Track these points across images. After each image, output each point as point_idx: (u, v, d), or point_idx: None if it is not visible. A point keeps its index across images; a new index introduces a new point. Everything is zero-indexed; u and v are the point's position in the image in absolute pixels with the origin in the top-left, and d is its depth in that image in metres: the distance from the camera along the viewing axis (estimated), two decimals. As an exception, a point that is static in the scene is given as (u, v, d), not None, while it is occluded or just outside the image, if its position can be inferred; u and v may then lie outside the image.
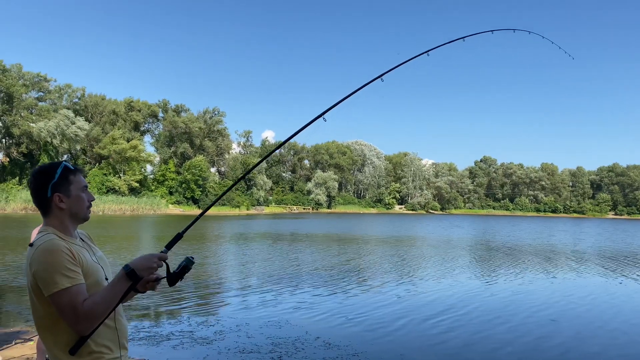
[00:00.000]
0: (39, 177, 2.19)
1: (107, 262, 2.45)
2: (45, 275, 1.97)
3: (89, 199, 2.30)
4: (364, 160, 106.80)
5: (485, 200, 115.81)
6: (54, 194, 2.17)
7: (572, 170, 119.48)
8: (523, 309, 11.23)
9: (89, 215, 2.31)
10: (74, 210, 2.21)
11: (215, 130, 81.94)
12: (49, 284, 1.96)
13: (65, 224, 2.20)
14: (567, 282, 15.58)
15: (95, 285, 2.13)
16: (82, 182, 2.27)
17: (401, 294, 12.74)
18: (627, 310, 11.65)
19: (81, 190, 2.25)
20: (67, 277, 1.98)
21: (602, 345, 8.69)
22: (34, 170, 2.24)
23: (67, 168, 2.23)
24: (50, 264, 1.98)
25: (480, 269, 18.58)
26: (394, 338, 8.53)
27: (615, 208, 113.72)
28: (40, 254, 2.01)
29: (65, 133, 62.90)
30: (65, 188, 2.19)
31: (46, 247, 2.02)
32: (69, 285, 1.97)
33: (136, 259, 2.12)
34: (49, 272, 1.97)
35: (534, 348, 8.26)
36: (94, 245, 2.45)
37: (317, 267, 17.07)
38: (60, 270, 1.98)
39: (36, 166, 2.42)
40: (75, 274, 2.02)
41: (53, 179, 2.17)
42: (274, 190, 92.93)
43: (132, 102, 77.75)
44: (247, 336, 8.13)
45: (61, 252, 2.02)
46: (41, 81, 70.26)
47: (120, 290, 2.07)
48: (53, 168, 2.21)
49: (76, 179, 2.24)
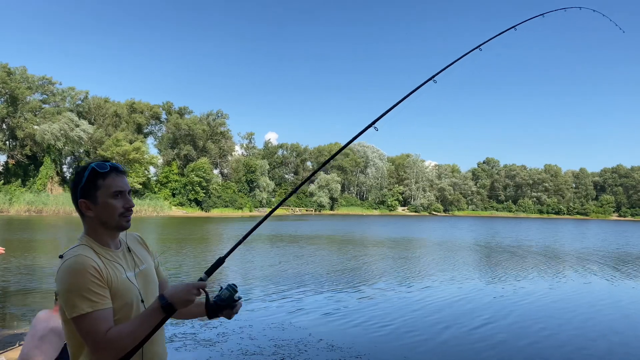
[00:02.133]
0: (72, 180, 2.04)
1: (157, 274, 2.24)
2: (66, 296, 1.80)
3: (126, 205, 2.02)
4: (367, 162, 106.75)
5: (488, 202, 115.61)
6: (80, 199, 1.99)
7: (575, 172, 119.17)
8: (522, 311, 11.21)
9: (125, 224, 2.04)
10: (102, 218, 1.99)
11: (218, 133, 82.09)
12: (69, 307, 1.80)
13: (98, 233, 2.01)
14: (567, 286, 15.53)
15: (125, 309, 1.93)
16: (113, 186, 1.99)
17: (406, 297, 12.71)
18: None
19: (111, 197, 1.98)
20: (90, 300, 1.79)
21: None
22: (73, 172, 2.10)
23: (95, 171, 1.98)
24: (73, 284, 1.80)
25: (486, 271, 18.52)
26: (397, 340, 8.50)
27: (619, 209, 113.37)
28: (64, 273, 1.83)
29: (68, 135, 63.13)
30: (92, 194, 1.97)
31: (71, 265, 1.83)
32: (89, 311, 1.78)
33: (173, 290, 1.91)
34: (71, 293, 1.79)
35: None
36: (145, 253, 2.23)
37: (320, 268, 17.06)
38: (82, 292, 1.79)
39: None
40: (100, 297, 1.82)
41: (81, 183, 1.98)
42: (276, 192, 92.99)
43: (134, 104, 77.96)
44: (250, 338, 8.12)
45: (86, 272, 1.82)
46: (46, 84, 70.52)
47: (152, 324, 1.87)
48: (82, 171, 2.01)
49: (105, 184, 1.98)
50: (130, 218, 2.05)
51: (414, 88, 2.78)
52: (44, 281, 13.11)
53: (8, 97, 64.05)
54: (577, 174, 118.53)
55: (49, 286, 12.06)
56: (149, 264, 2.20)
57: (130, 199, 2.07)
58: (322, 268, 17.22)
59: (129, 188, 2.07)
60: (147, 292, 2.08)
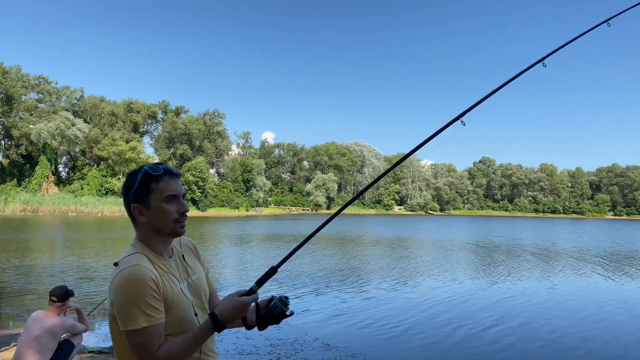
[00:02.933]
0: (124, 184, 1.94)
1: (208, 284, 2.15)
2: (123, 308, 1.72)
3: (180, 209, 1.93)
4: (364, 162, 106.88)
5: (485, 201, 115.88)
6: (133, 204, 1.89)
7: (571, 171, 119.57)
8: (516, 309, 11.25)
9: (180, 230, 1.94)
10: (155, 224, 1.89)
11: (214, 132, 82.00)
12: (125, 320, 1.72)
13: (152, 239, 1.91)
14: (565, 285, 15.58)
15: (178, 322, 1.84)
16: (167, 190, 1.90)
17: (402, 296, 12.74)
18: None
19: (164, 201, 1.89)
20: (146, 315, 1.72)
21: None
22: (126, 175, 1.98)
23: (147, 174, 1.89)
24: (131, 296, 1.71)
25: (481, 270, 18.57)
26: (393, 339, 8.53)
27: (615, 209, 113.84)
28: (122, 283, 1.73)
29: (64, 135, 62.95)
30: (145, 198, 1.88)
31: (130, 276, 1.73)
32: (145, 325, 1.71)
33: (224, 307, 1.84)
34: (128, 306, 1.71)
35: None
36: (196, 261, 2.14)
37: (317, 268, 17.08)
38: (140, 305, 1.71)
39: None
40: (156, 311, 1.75)
41: (133, 187, 1.89)
42: (273, 192, 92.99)
43: (131, 104, 77.81)
44: (246, 337, 8.12)
45: (146, 284, 1.73)
46: (42, 83, 70.28)
47: (202, 342, 1.83)
48: (135, 173, 1.92)
49: (159, 187, 1.88)
50: (184, 224, 1.95)
51: (518, 72, 2.55)
52: (40, 281, 13.08)
53: (3, 97, 63.84)
54: (572, 173, 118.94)
55: (44, 287, 12.04)
56: (200, 273, 2.11)
57: (185, 204, 1.97)
58: (318, 267, 17.23)
59: (183, 192, 1.97)
60: (199, 304, 2.00)
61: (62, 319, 5.18)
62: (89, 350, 6.65)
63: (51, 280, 12.90)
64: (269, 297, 1.96)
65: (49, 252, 20.42)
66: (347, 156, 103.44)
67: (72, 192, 62.98)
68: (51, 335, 5.04)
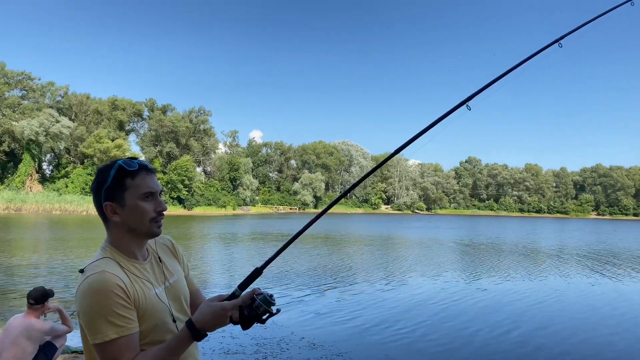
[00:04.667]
0: (95, 179, 1.78)
1: (188, 283, 2.00)
2: (88, 319, 1.58)
3: (157, 208, 1.78)
4: (351, 161, 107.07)
5: (471, 201, 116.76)
6: (105, 202, 1.73)
7: (555, 171, 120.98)
8: (504, 308, 11.36)
9: (157, 230, 1.80)
10: (131, 223, 1.74)
11: (201, 130, 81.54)
12: (92, 332, 1.58)
13: (125, 240, 1.76)
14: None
15: (155, 330, 1.72)
16: (144, 186, 1.75)
17: (386, 294, 12.80)
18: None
19: (141, 198, 1.74)
20: (115, 325, 1.58)
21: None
22: (96, 171, 1.81)
23: (122, 169, 1.73)
24: (96, 306, 1.57)
25: (466, 269, 18.72)
26: (379, 338, 8.56)
27: (598, 208, 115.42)
28: (86, 292, 1.59)
29: (48, 132, 62.10)
30: (118, 195, 1.73)
31: (93, 284, 1.59)
32: (115, 337, 1.58)
33: (204, 316, 1.69)
34: (94, 316, 1.57)
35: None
36: (175, 262, 1.99)
37: (303, 267, 17.08)
38: (107, 316, 1.57)
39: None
40: (127, 320, 1.61)
41: (106, 183, 1.73)
42: (260, 190, 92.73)
43: (116, 101, 77.05)
44: (232, 337, 8.09)
45: (111, 292, 1.59)
46: (25, 79, 69.27)
47: (180, 353, 1.67)
48: (108, 168, 1.76)
49: (135, 183, 1.73)
50: (162, 223, 1.81)
51: (535, 51, 2.42)
52: (23, 282, 12.91)
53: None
54: (557, 173, 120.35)
55: (27, 287, 11.88)
56: (179, 274, 1.96)
57: (163, 202, 1.82)
58: (304, 266, 17.24)
59: (160, 189, 1.82)
60: (178, 308, 1.86)
61: (40, 323, 5.08)
62: (72, 351, 6.58)
63: (35, 280, 12.74)
64: (254, 290, 1.81)
65: (32, 251, 20.16)
66: (335, 155, 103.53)
67: (57, 190, 62.20)
68: (29, 339, 4.95)
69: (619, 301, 12.97)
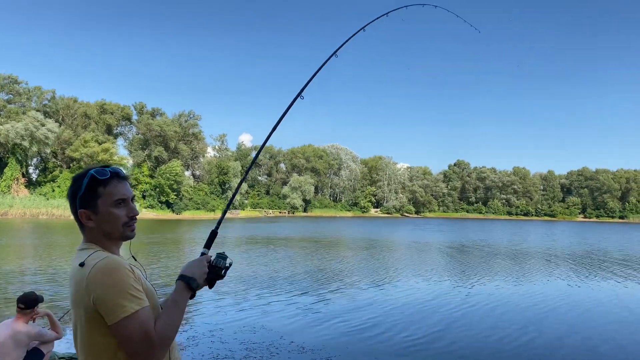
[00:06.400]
0: (70, 188, 1.88)
1: None
2: (110, 298, 1.63)
3: (129, 213, 1.88)
4: (340, 164, 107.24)
5: (459, 204, 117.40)
6: (80, 209, 1.83)
7: (543, 174, 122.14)
8: (487, 309, 11.45)
9: (130, 234, 1.90)
10: (105, 228, 1.84)
11: (190, 134, 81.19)
12: (114, 310, 1.63)
13: (103, 244, 1.85)
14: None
15: (154, 310, 1.79)
16: (115, 194, 1.84)
17: (376, 298, 12.83)
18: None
19: (113, 205, 1.83)
20: (136, 298, 1.67)
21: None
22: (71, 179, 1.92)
23: (94, 178, 1.82)
24: (115, 285, 1.65)
25: (456, 272, 18.80)
26: (367, 342, 8.59)
27: (585, 211, 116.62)
28: (100, 274, 1.66)
29: (34, 135, 61.49)
30: (92, 203, 1.82)
31: (106, 266, 1.68)
32: (138, 308, 1.66)
33: (190, 267, 1.90)
34: (115, 295, 1.63)
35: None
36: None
37: (292, 271, 17.07)
38: (128, 290, 1.66)
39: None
40: (142, 294, 1.71)
41: (80, 191, 1.82)
42: (249, 194, 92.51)
43: (104, 105, 76.53)
44: (221, 342, 8.09)
45: (126, 269, 1.70)
46: (11, 83, 68.59)
47: (183, 308, 1.82)
48: (80, 178, 1.85)
49: (106, 191, 1.82)
50: (134, 227, 1.92)
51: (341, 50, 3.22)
52: (10, 287, 12.77)
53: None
54: (545, 176, 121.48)
55: (12, 293, 11.76)
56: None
57: (134, 207, 1.92)
58: (293, 270, 17.23)
59: (132, 195, 1.92)
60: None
61: (28, 327, 5.05)
62: (59, 357, 6.54)
63: (22, 286, 12.61)
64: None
65: (19, 256, 19.94)
66: (324, 159, 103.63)
67: (43, 194, 61.57)
68: (15, 343, 4.92)
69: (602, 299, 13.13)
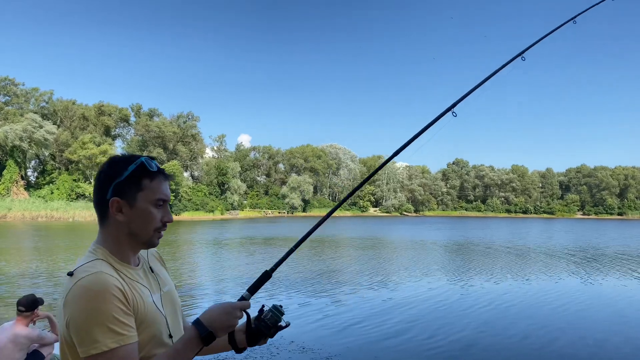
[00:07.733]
0: (104, 171, 1.59)
1: (177, 298, 1.77)
2: (83, 327, 1.36)
3: (164, 218, 1.62)
4: (339, 164, 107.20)
5: (458, 202, 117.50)
6: (114, 197, 1.54)
7: (541, 172, 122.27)
8: (490, 309, 11.47)
9: (156, 241, 1.63)
10: (134, 227, 1.56)
11: (188, 135, 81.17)
12: (86, 341, 1.36)
13: (121, 244, 1.57)
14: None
15: (152, 343, 1.50)
16: (159, 192, 1.59)
17: (376, 298, 12.85)
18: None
19: (153, 204, 1.58)
20: (114, 333, 1.37)
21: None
22: (106, 161, 1.63)
23: (144, 167, 1.58)
24: (93, 312, 1.36)
25: (456, 271, 18.82)
26: (368, 341, 8.61)
27: (583, 208, 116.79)
28: (81, 295, 1.38)
29: (32, 137, 61.45)
30: (131, 194, 1.55)
31: (90, 286, 1.38)
32: (115, 346, 1.36)
33: (213, 313, 1.55)
34: (89, 324, 1.35)
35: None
36: (165, 271, 1.80)
37: (292, 271, 17.06)
38: (106, 322, 1.36)
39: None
40: (127, 328, 1.40)
41: (120, 177, 1.54)
42: (248, 194, 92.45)
43: (102, 107, 76.49)
44: (221, 342, 8.08)
45: (110, 295, 1.39)
46: (8, 85, 68.52)
47: (188, 359, 1.51)
48: (125, 162, 1.58)
49: (151, 186, 1.58)
50: (162, 235, 1.66)
51: (495, 70, 2.58)
52: (8, 291, 12.76)
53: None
54: (543, 174, 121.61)
55: (12, 295, 11.76)
56: (171, 284, 1.76)
57: (170, 212, 1.67)
58: (293, 270, 17.23)
59: (170, 199, 1.68)
60: (173, 320, 1.65)
61: (28, 330, 5.06)
62: (59, 359, 6.53)
63: (21, 289, 12.60)
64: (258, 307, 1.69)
65: (19, 259, 19.92)
66: (323, 158, 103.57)
67: (42, 196, 61.52)
68: (15, 346, 4.93)
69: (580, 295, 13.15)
